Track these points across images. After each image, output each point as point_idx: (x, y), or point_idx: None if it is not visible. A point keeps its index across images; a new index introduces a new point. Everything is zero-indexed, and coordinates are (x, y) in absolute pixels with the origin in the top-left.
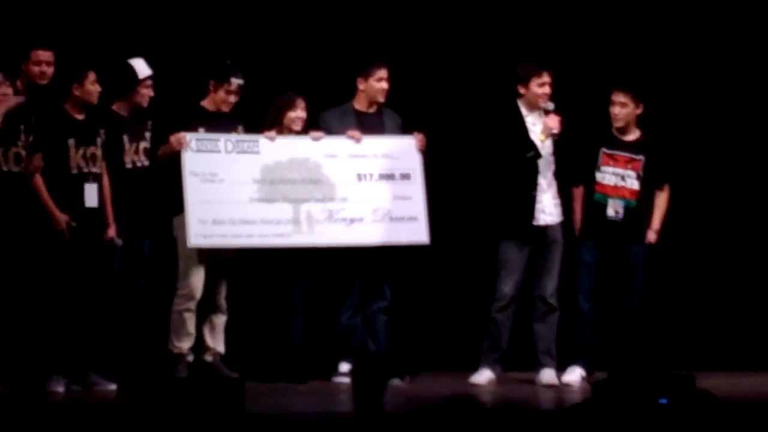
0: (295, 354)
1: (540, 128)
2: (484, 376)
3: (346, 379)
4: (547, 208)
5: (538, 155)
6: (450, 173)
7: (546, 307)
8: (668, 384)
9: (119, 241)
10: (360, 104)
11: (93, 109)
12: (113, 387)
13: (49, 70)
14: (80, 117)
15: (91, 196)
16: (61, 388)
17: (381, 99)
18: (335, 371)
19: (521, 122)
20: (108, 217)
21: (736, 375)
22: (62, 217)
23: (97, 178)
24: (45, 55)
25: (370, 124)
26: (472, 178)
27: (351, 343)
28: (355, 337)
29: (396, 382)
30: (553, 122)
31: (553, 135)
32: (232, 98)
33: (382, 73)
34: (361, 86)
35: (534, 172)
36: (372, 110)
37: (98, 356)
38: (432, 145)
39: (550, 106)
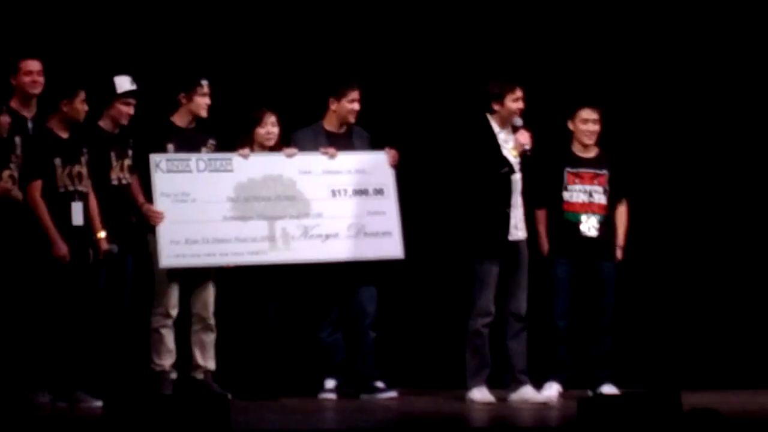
0: (270, 370)
1: (512, 144)
2: (482, 393)
3: (332, 396)
4: (519, 224)
5: (512, 171)
6: (424, 188)
7: (520, 325)
8: (654, 401)
9: (115, 248)
10: (330, 124)
11: (77, 127)
12: (99, 404)
13: (41, 80)
14: (65, 135)
15: (77, 214)
16: (42, 400)
17: (352, 120)
18: (321, 388)
19: (493, 138)
20: (97, 232)
21: (719, 393)
22: (64, 247)
23: (83, 197)
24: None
25: (341, 144)
26: (445, 195)
27: (334, 359)
28: (337, 352)
29: (387, 395)
30: (525, 138)
31: (525, 151)
32: (208, 100)
33: (355, 94)
34: (332, 107)
35: (508, 189)
36: (342, 130)
37: (84, 373)
38: (405, 160)
39: (519, 122)
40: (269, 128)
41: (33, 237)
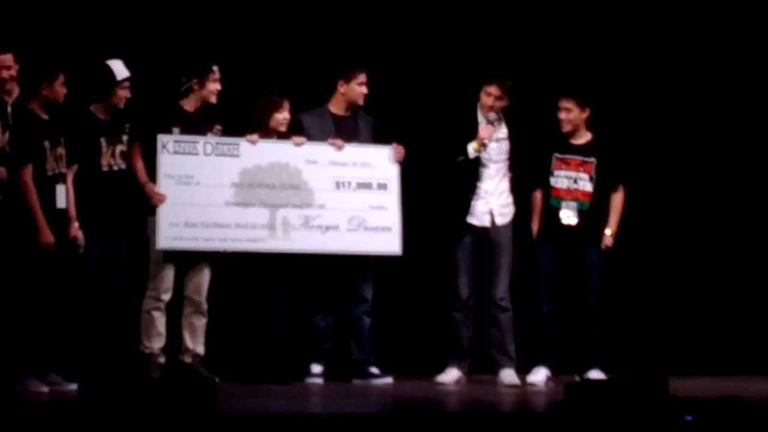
0: (278, 354)
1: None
2: (450, 375)
3: (319, 380)
4: (496, 209)
5: (467, 160)
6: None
7: (496, 310)
8: (641, 387)
9: (83, 242)
10: (336, 107)
11: (56, 109)
12: (73, 387)
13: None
14: (45, 117)
15: (61, 197)
16: (41, 389)
17: (361, 102)
18: (307, 372)
19: (472, 127)
20: (70, 217)
21: (707, 378)
22: (51, 236)
23: (64, 179)
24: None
25: (346, 127)
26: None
27: (323, 345)
28: (328, 338)
29: (382, 381)
30: (484, 132)
31: (483, 145)
32: (219, 85)
33: (363, 77)
34: (341, 89)
35: (473, 176)
36: (347, 114)
37: (68, 356)
38: (409, 154)
39: (492, 116)
40: (285, 114)
41: (19, 221)
